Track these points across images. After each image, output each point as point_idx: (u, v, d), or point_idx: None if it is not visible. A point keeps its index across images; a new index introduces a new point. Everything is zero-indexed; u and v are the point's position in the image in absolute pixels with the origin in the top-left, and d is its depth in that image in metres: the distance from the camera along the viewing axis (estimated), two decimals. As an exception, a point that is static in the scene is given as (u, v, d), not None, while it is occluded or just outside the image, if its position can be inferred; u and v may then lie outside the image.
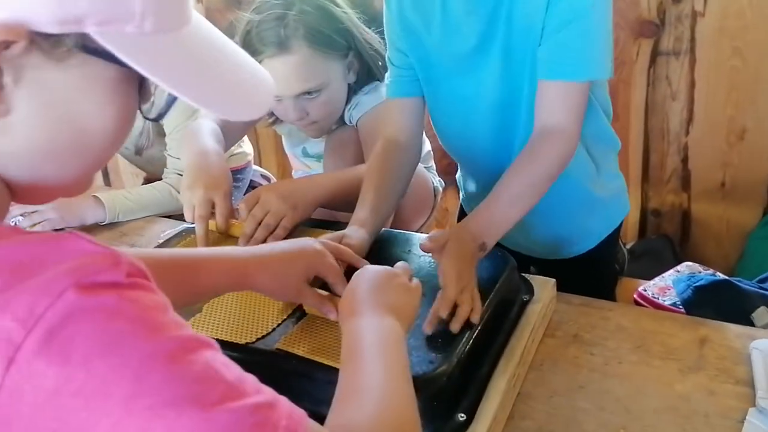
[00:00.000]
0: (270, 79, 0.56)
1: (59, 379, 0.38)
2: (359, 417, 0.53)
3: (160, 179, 1.56)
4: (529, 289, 0.96)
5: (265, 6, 1.20)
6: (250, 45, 1.19)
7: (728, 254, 1.98)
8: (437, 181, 1.51)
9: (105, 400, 0.39)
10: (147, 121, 1.52)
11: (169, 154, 1.54)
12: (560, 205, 1.09)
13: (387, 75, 1.15)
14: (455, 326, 0.81)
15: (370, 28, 1.31)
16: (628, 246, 2.01)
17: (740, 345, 0.89)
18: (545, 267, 1.23)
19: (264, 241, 1.05)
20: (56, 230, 1.32)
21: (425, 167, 1.48)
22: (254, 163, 1.92)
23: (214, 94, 0.51)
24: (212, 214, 1.09)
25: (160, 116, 0.54)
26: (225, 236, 1.10)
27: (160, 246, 1.11)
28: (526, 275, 0.99)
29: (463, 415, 0.74)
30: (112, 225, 1.43)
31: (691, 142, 1.95)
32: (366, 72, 1.30)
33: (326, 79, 1.23)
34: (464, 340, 0.81)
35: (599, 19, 0.94)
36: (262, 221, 1.06)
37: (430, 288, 0.85)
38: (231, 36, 1.41)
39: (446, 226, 2.22)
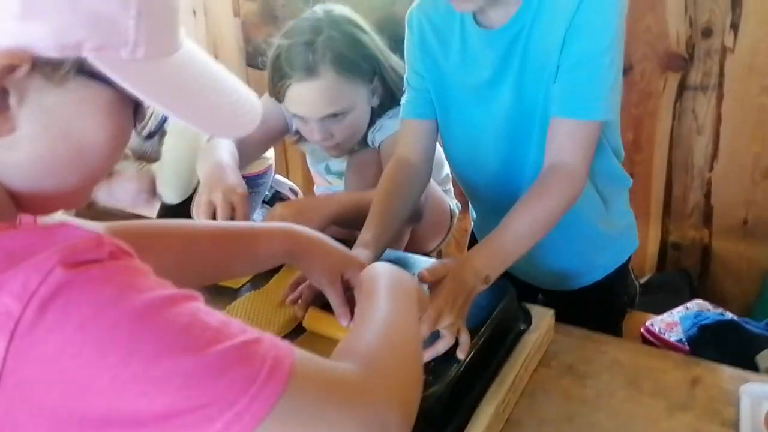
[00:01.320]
0: (257, 102, 0.61)
1: (58, 344, 0.43)
2: (363, 339, 0.60)
3: None
4: (528, 319, 0.98)
5: (295, 31, 1.25)
6: (279, 69, 1.25)
7: (747, 292, 1.97)
8: (454, 204, 1.54)
9: (103, 358, 0.43)
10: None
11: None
12: (568, 239, 1.11)
13: (404, 96, 1.19)
14: (425, 355, 0.84)
15: (395, 53, 1.35)
16: (646, 278, 2.01)
17: (732, 387, 0.90)
18: (552, 296, 1.26)
19: None
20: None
21: (443, 190, 1.52)
22: (282, 176, 1.97)
23: (202, 114, 0.55)
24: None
25: (152, 135, 0.58)
26: None
27: None
28: (527, 305, 1.01)
29: (449, 437, 0.77)
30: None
31: (715, 177, 1.95)
32: (390, 96, 1.34)
33: (351, 102, 1.28)
34: (457, 364, 0.84)
35: (610, 63, 0.96)
36: None
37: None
38: (266, 49, 1.48)
39: (465, 246, 2.25)
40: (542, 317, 0.99)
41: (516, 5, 0.99)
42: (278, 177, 1.92)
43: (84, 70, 0.49)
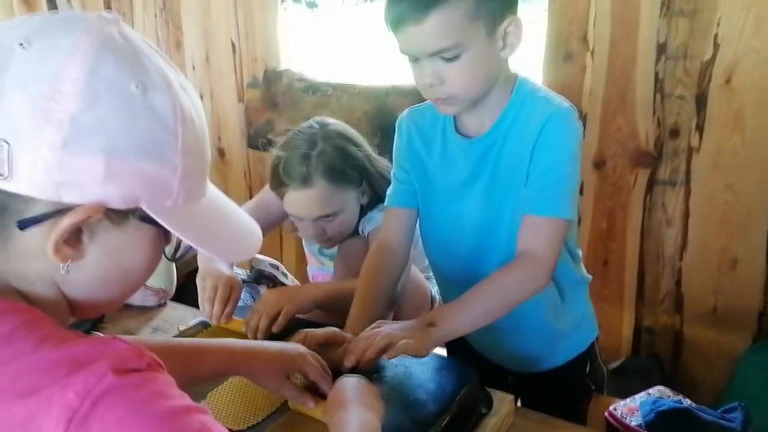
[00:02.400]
0: (257, 227, 0.76)
1: None
2: None
3: None
4: (489, 402, 1.08)
5: (292, 144, 1.42)
6: (277, 177, 1.41)
7: (718, 378, 2.04)
8: (436, 290, 1.65)
9: None
10: None
11: None
12: (526, 328, 1.23)
13: (389, 187, 1.33)
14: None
15: (386, 142, 1.49)
16: (620, 361, 2.10)
17: (672, 473, 0.99)
18: (521, 378, 1.36)
19: (268, 328, 1.24)
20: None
21: (426, 277, 1.63)
22: (277, 255, 2.09)
23: (218, 243, 0.71)
24: None
25: (179, 258, 0.72)
26: (229, 332, 1.28)
27: (178, 336, 1.28)
28: (490, 389, 1.11)
29: None
30: (142, 310, 1.57)
31: (685, 267, 2.06)
32: (377, 196, 1.48)
33: (341, 206, 1.44)
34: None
35: (571, 173, 1.12)
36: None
37: (399, 392, 1.03)
38: (266, 132, 1.61)
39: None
40: (503, 401, 1.09)
41: (491, 120, 1.15)
42: (258, 256, 2.02)
43: (140, 216, 0.64)
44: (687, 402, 1.47)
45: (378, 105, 2.32)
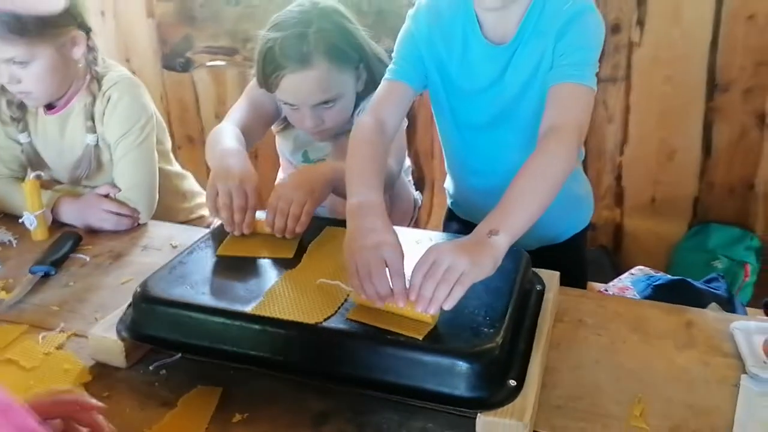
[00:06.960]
0: None
1: None
2: None
3: None
4: (541, 281, 1.07)
5: (285, 24, 1.28)
6: (272, 61, 1.27)
7: (657, 264, 2.16)
8: (417, 194, 1.61)
9: None
10: (86, 150, 1.49)
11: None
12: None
13: (392, 63, 1.19)
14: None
15: (377, 42, 1.40)
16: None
17: (721, 326, 1.03)
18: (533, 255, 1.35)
19: (293, 231, 1.12)
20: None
21: (407, 180, 1.58)
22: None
23: None
24: None
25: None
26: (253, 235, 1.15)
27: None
28: (534, 269, 1.10)
29: (513, 381, 0.83)
30: (123, 231, 1.44)
31: (625, 161, 2.15)
32: (373, 82, 1.38)
33: (342, 89, 1.32)
34: (506, 321, 0.89)
35: (596, 45, 1.09)
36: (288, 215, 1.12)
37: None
38: (184, 50, 1.44)
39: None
40: (551, 279, 1.08)
41: (516, 23, 1.10)
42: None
43: None
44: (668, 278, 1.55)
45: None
